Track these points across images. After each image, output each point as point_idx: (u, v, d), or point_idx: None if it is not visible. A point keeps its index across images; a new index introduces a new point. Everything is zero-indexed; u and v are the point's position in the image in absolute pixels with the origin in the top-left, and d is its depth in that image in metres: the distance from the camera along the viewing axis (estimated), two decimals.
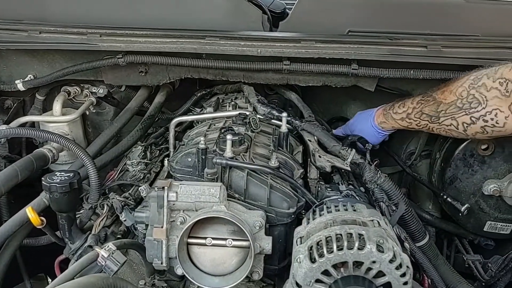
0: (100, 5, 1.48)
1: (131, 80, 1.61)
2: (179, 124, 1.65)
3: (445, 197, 1.53)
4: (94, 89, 1.64)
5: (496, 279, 1.53)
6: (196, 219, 1.00)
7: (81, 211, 1.37)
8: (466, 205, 1.49)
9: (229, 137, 1.16)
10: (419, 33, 1.42)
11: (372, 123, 1.49)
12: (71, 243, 1.27)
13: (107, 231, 1.33)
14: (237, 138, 1.22)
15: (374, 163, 1.65)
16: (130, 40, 1.41)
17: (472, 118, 1.24)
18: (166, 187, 1.02)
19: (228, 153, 1.16)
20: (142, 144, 1.61)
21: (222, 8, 1.47)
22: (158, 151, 1.69)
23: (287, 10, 1.63)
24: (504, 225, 1.56)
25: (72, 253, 1.26)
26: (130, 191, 1.44)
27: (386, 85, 1.57)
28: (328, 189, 1.29)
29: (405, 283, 0.93)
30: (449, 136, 1.36)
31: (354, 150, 1.39)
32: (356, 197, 1.33)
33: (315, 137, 1.42)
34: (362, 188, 1.41)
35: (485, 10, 1.47)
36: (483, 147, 1.47)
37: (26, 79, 1.63)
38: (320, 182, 1.36)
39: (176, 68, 1.55)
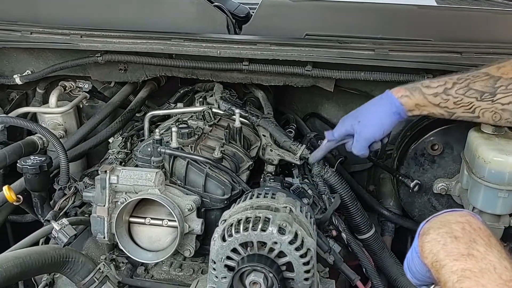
0: (83, 8, 1.66)
1: (114, 76, 1.78)
2: (163, 118, 1.80)
3: (397, 176, 1.59)
4: (81, 84, 1.81)
5: None
6: (131, 200, 1.15)
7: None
8: (415, 181, 1.54)
9: (174, 129, 1.30)
10: (370, 37, 1.50)
11: (390, 99, 1.28)
12: (43, 219, 1.44)
13: (77, 211, 1.49)
14: (186, 130, 1.36)
15: (339, 161, 1.75)
16: (106, 40, 1.58)
17: None
18: (108, 171, 1.17)
19: (173, 143, 1.30)
20: (123, 135, 1.77)
21: (191, 13, 1.61)
22: (139, 142, 1.85)
23: (251, 13, 1.74)
24: None
25: None
26: None
27: (345, 86, 1.66)
28: (271, 180, 1.40)
29: (305, 264, 1.03)
30: (489, 122, 1.23)
31: (304, 146, 1.49)
32: (308, 190, 1.44)
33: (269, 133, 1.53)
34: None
35: (437, 16, 1.54)
36: (433, 147, 1.54)
37: (23, 74, 1.83)
38: (268, 174, 1.47)
39: (151, 67, 1.70)
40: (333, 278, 1.28)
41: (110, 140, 1.76)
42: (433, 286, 0.95)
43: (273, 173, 1.53)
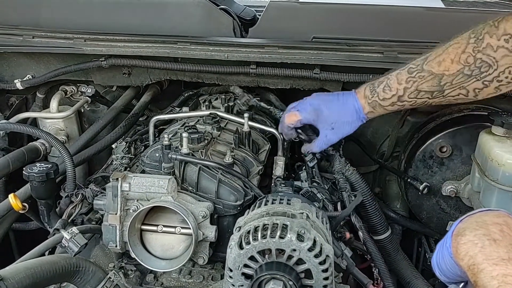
0: (86, 12, 1.63)
1: (117, 80, 1.75)
2: (166, 122, 1.78)
3: (406, 178, 1.59)
4: (84, 88, 1.78)
5: None
6: (143, 208, 1.13)
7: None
8: (424, 184, 1.54)
9: (185, 134, 1.28)
10: (378, 39, 1.49)
11: (357, 113, 1.36)
12: (49, 227, 1.41)
13: (84, 218, 1.46)
14: (196, 136, 1.34)
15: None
16: (110, 44, 1.55)
17: (485, 82, 1.17)
18: (120, 178, 1.15)
19: (184, 149, 1.28)
20: (127, 140, 1.74)
21: (196, 16, 1.59)
22: (143, 147, 1.82)
23: (257, 16, 1.73)
24: None
25: (50, 236, 1.40)
26: None
27: (352, 89, 1.65)
28: (282, 184, 1.38)
29: (324, 271, 1.02)
30: (451, 103, 1.30)
31: None
32: (317, 194, 1.42)
33: None
34: (325, 186, 1.50)
35: (445, 18, 1.53)
36: (442, 149, 1.53)
37: (24, 79, 1.80)
38: (278, 179, 1.46)
39: (156, 70, 1.68)
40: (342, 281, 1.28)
41: (114, 146, 1.74)
42: (462, 284, 0.94)
43: (282, 177, 1.52)
